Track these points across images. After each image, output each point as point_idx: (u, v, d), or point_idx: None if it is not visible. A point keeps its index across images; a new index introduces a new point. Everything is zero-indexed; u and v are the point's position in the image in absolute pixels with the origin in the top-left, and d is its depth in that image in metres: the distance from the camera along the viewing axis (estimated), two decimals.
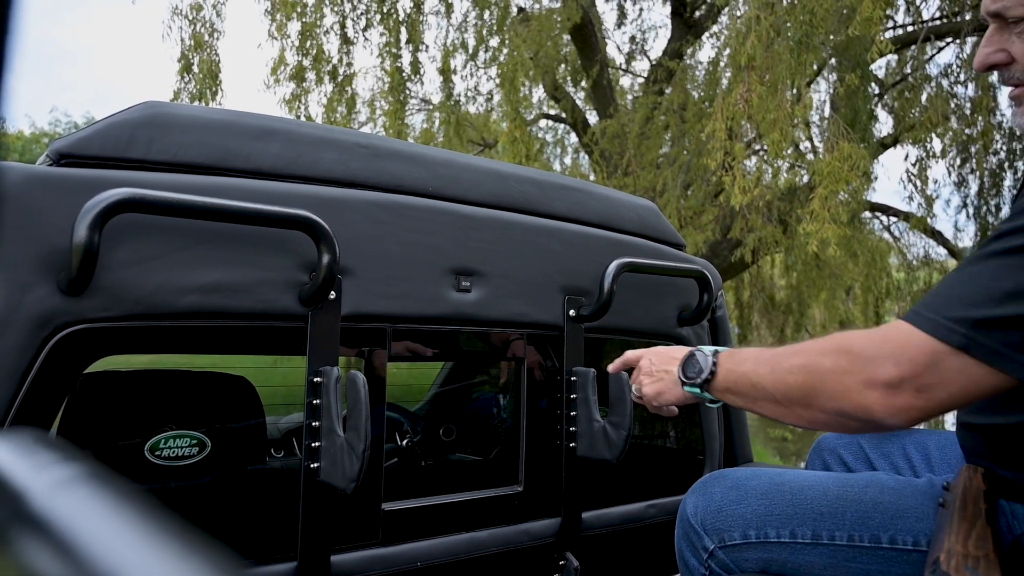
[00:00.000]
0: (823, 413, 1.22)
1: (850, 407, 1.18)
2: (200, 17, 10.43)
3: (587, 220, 2.11)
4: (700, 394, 1.50)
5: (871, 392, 1.14)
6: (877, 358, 1.15)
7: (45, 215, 1.31)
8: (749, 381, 1.37)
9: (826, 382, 1.21)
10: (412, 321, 1.76)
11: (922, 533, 1.38)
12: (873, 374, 1.14)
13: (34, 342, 1.30)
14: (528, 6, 11.42)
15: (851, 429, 1.26)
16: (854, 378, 1.17)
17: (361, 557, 1.67)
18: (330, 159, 1.70)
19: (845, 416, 1.20)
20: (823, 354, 1.24)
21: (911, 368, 1.12)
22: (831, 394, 1.20)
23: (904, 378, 1.12)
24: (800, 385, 1.24)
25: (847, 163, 7.63)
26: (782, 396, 1.28)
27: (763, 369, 1.34)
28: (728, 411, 2.49)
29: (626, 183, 10.30)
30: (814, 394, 1.22)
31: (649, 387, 1.64)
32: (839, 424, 1.24)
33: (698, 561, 1.53)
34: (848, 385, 1.17)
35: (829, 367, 1.21)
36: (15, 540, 0.43)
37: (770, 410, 1.33)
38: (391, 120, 10.43)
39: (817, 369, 1.23)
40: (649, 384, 1.64)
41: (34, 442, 0.54)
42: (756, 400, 1.36)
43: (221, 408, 1.72)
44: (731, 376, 1.43)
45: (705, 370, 1.47)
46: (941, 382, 1.11)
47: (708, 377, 1.46)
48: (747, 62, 7.65)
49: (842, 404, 1.19)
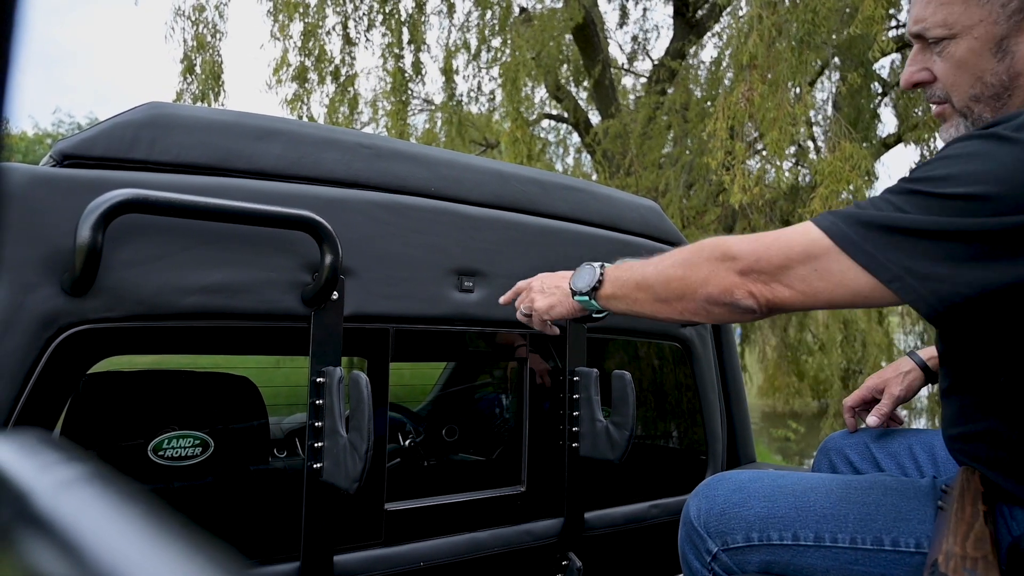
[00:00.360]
0: (694, 302, 1.32)
1: (716, 290, 1.27)
2: (203, 18, 10.45)
3: (589, 220, 2.11)
4: (588, 302, 1.56)
5: (737, 276, 1.26)
6: (754, 249, 1.25)
7: (49, 216, 1.31)
8: (634, 281, 1.46)
9: (701, 268, 1.30)
10: (414, 321, 1.76)
11: (924, 535, 1.38)
12: (742, 260, 1.25)
13: (38, 342, 1.30)
14: (530, 6, 11.42)
15: (716, 316, 1.33)
16: (725, 264, 1.27)
17: (364, 557, 1.67)
18: (332, 159, 1.70)
19: (712, 302, 1.29)
20: (704, 247, 1.34)
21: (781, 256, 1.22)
22: (703, 279, 1.29)
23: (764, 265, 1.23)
24: (680, 277, 1.34)
25: (849, 163, 7.63)
26: (663, 289, 1.37)
27: (649, 269, 1.43)
28: (731, 410, 2.49)
29: (628, 183, 10.31)
30: (689, 282, 1.32)
31: (541, 301, 1.67)
32: (707, 312, 1.32)
33: (701, 564, 1.53)
34: (718, 270, 1.28)
35: (706, 256, 1.31)
36: (19, 540, 0.43)
37: (651, 308, 1.42)
38: (393, 120, 10.44)
39: (696, 259, 1.33)
40: (541, 299, 1.68)
41: (38, 442, 0.54)
42: (638, 301, 1.45)
43: (224, 408, 1.72)
44: (617, 281, 1.50)
45: (593, 279, 1.54)
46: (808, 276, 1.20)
47: (596, 285, 1.53)
48: (749, 61, 7.65)
49: (710, 289, 1.28)
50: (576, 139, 13.59)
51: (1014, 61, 1.24)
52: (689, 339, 2.33)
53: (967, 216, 1.08)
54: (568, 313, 1.63)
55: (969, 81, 1.27)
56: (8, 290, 1.27)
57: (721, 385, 2.47)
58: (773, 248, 1.24)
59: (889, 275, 1.13)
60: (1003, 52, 1.24)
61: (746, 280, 1.25)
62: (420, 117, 12.83)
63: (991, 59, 1.25)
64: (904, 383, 1.81)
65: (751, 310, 1.26)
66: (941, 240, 1.10)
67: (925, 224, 1.11)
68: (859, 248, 1.15)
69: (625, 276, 1.50)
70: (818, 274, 1.19)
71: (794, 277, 1.21)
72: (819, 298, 1.21)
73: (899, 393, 1.81)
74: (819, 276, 1.19)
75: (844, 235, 1.17)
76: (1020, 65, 1.23)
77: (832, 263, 1.17)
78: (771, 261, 1.23)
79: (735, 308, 1.27)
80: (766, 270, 1.23)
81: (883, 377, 1.85)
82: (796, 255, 1.21)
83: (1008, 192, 1.06)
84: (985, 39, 1.24)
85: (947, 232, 1.09)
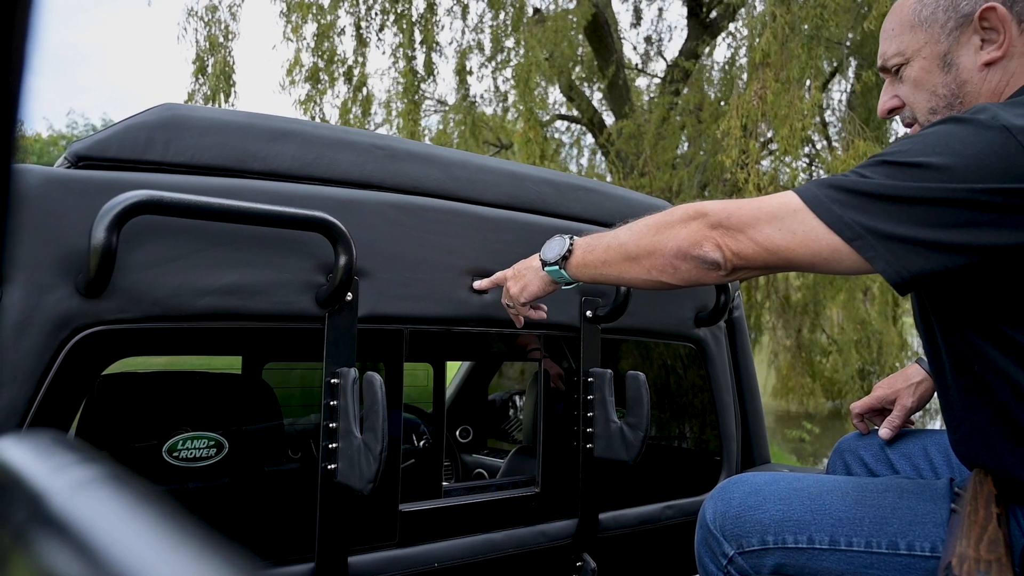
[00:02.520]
0: (663, 257, 1.36)
1: (685, 243, 1.33)
2: (215, 19, 10.49)
3: (603, 221, 2.11)
4: (557, 272, 1.60)
5: (707, 229, 1.31)
6: (725, 207, 1.32)
7: (63, 217, 1.31)
8: (605, 243, 1.51)
9: (673, 226, 1.36)
10: (429, 322, 1.76)
11: (940, 539, 1.37)
12: (713, 216, 1.31)
13: (52, 344, 1.31)
14: (544, 7, 11.42)
15: (683, 274, 1.37)
16: (697, 220, 1.33)
17: (378, 558, 1.67)
18: (346, 160, 1.70)
19: (679, 256, 1.34)
20: (678, 208, 1.41)
21: (751, 214, 1.28)
22: (674, 234, 1.35)
23: (736, 225, 1.29)
24: (653, 234, 1.39)
25: (862, 160, 7.59)
26: (634, 247, 1.42)
27: (623, 230, 1.48)
28: (745, 411, 2.48)
29: (642, 183, 10.30)
30: (660, 238, 1.37)
31: (514, 286, 1.71)
32: (673, 269, 1.37)
33: (717, 567, 1.53)
34: (689, 224, 1.34)
35: (679, 215, 1.37)
36: (35, 541, 0.43)
37: (620, 268, 1.47)
38: (405, 121, 10.45)
39: (669, 218, 1.39)
40: (514, 284, 1.72)
41: (53, 443, 0.54)
42: (608, 263, 1.49)
43: (238, 409, 1.73)
44: (587, 247, 1.55)
45: (563, 248, 1.58)
46: (772, 234, 1.26)
47: (565, 254, 1.58)
48: (762, 59, 7.64)
49: (679, 242, 1.34)
50: (590, 140, 13.60)
51: (959, 71, 1.38)
52: (703, 340, 2.32)
53: (929, 183, 1.15)
54: (540, 290, 1.67)
55: (926, 96, 1.43)
56: (23, 291, 1.28)
57: (735, 386, 2.46)
58: (745, 207, 1.30)
59: (852, 234, 1.19)
60: (948, 65, 1.39)
61: (714, 233, 1.30)
62: (434, 118, 12.84)
63: (940, 73, 1.40)
64: (916, 394, 1.81)
65: (716, 264, 1.31)
66: (903, 203, 1.17)
67: (889, 189, 1.18)
68: (825, 207, 1.21)
69: (595, 242, 1.54)
70: (782, 232, 1.25)
71: (760, 234, 1.27)
72: (780, 255, 1.26)
73: (911, 404, 1.80)
74: (783, 234, 1.25)
75: (814, 196, 1.23)
76: (964, 74, 1.38)
77: (798, 222, 1.24)
78: (741, 218, 1.29)
79: (702, 262, 1.32)
80: (735, 226, 1.29)
81: (893, 387, 1.84)
82: (765, 214, 1.27)
83: (965, 164, 1.14)
84: (932, 57, 1.40)
85: (909, 197, 1.16)
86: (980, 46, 1.36)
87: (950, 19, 1.38)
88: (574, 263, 1.57)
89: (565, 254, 1.58)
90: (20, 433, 1.16)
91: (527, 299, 1.70)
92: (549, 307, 1.93)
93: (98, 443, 1.53)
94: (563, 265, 1.58)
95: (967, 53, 1.37)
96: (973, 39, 1.36)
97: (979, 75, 1.36)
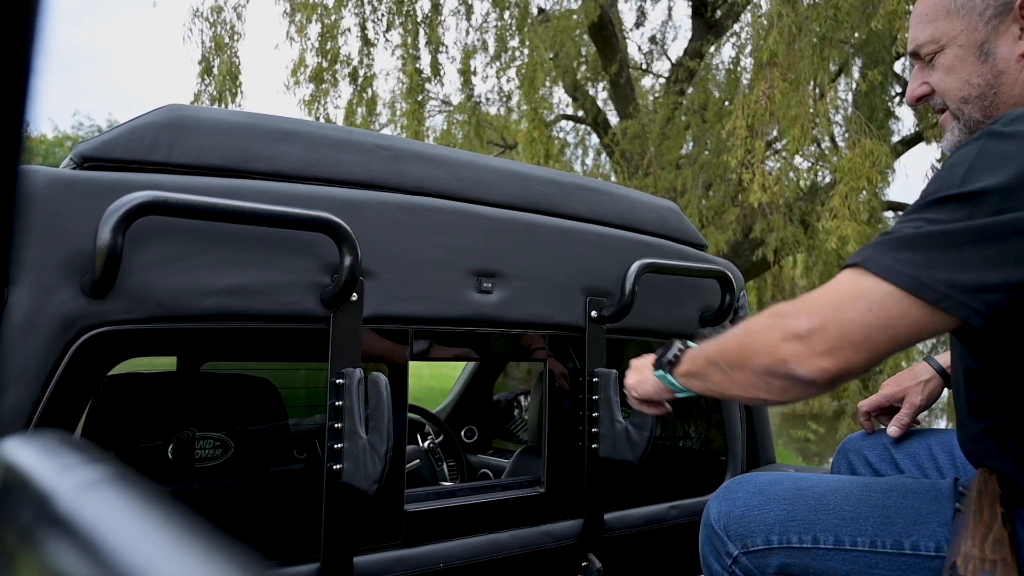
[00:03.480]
0: (753, 374, 1.23)
1: (772, 362, 1.18)
2: (220, 19, 10.50)
3: (608, 221, 2.11)
4: (665, 377, 1.51)
5: (788, 344, 1.15)
6: (797, 311, 1.17)
7: (69, 218, 1.31)
8: (704, 355, 1.40)
9: (754, 338, 1.23)
10: (434, 323, 1.76)
11: (945, 539, 1.37)
12: (790, 326, 1.16)
13: (59, 344, 1.31)
14: (548, 6, 11.41)
15: (777, 391, 1.22)
16: (775, 332, 1.18)
17: (384, 558, 1.67)
18: (351, 161, 1.70)
19: (770, 375, 1.20)
20: (759, 316, 1.27)
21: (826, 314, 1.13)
22: (757, 349, 1.21)
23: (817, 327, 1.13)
24: (737, 347, 1.27)
25: (869, 159, 7.59)
26: (724, 361, 1.31)
27: (712, 343, 1.38)
28: (751, 412, 2.48)
29: (647, 183, 10.29)
30: (746, 353, 1.24)
31: (631, 377, 1.66)
32: (767, 386, 1.22)
33: (722, 567, 1.53)
34: (770, 339, 1.19)
35: (759, 325, 1.24)
36: (41, 541, 0.44)
37: (718, 381, 1.35)
38: (409, 121, 10.45)
39: (750, 328, 1.27)
40: (631, 375, 1.67)
41: (59, 444, 0.54)
42: (708, 375, 1.38)
43: (244, 410, 1.73)
44: (693, 357, 1.45)
45: (671, 353, 1.51)
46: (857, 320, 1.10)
47: (672, 359, 1.50)
48: (769, 59, 7.63)
49: (765, 360, 1.19)
50: (594, 140, 13.58)
51: (996, 61, 1.34)
52: (708, 339, 2.32)
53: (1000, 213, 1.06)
54: (654, 391, 1.58)
55: (958, 85, 1.38)
56: (29, 292, 1.28)
57: None
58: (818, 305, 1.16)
59: (936, 295, 1.07)
60: (985, 55, 1.35)
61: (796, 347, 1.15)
62: (438, 118, 12.84)
63: (976, 63, 1.35)
64: (924, 392, 1.80)
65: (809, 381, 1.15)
66: (975, 244, 1.06)
67: (958, 230, 1.07)
68: (896, 272, 1.09)
69: (699, 352, 1.43)
70: (863, 318, 1.11)
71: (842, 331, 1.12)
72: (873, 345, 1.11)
73: (919, 402, 1.79)
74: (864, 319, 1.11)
75: (881, 264, 1.11)
76: (1002, 64, 1.33)
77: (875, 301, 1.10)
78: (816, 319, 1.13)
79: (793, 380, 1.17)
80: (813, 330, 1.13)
81: (901, 385, 1.83)
82: (838, 304, 1.13)
83: None
84: (968, 46, 1.36)
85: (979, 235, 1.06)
86: (1020, 35, 1.32)
87: (989, 7, 1.33)
88: (681, 370, 1.47)
89: (671, 359, 1.50)
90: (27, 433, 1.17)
91: (639, 396, 1.64)
92: (553, 307, 1.93)
93: (104, 443, 1.54)
94: (669, 371, 1.50)
95: (1005, 43, 1.33)
96: (1012, 28, 1.32)
97: (1016, 65, 1.32)
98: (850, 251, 8.10)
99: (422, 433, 2.99)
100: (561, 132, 13.77)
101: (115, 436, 1.57)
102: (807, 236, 9.60)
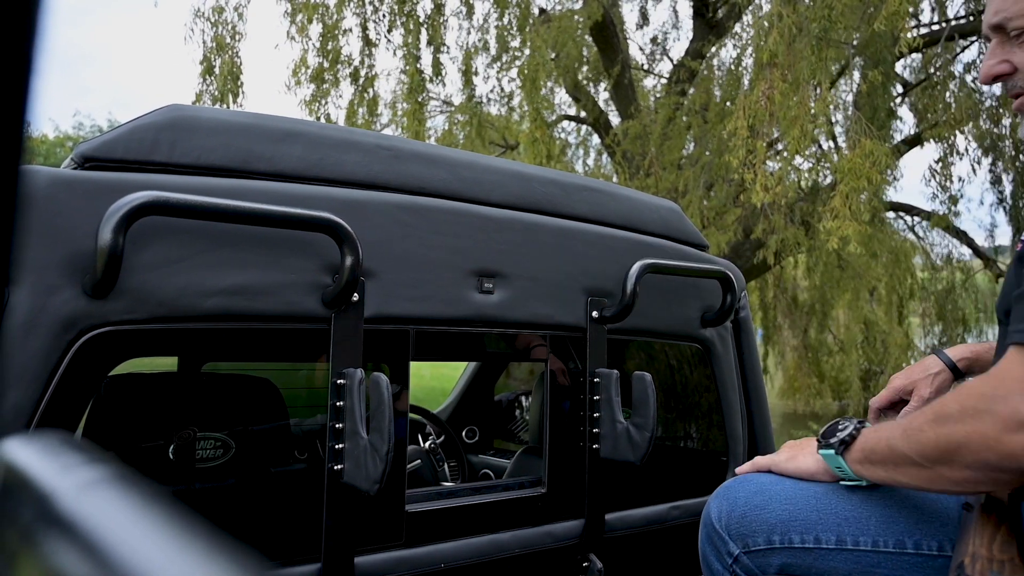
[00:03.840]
0: (971, 470, 1.13)
1: (995, 458, 1.08)
2: (222, 19, 10.50)
3: (610, 221, 2.11)
4: (834, 458, 1.41)
5: (1012, 436, 1.06)
6: (1007, 396, 1.07)
7: (70, 218, 1.31)
8: (887, 444, 1.28)
9: (958, 430, 1.13)
10: (435, 323, 1.76)
11: (947, 538, 1.36)
12: (1006, 416, 1.06)
13: (60, 344, 1.31)
14: (549, 7, 11.41)
15: (1005, 483, 1.14)
16: (988, 425, 1.08)
17: (385, 559, 1.67)
18: (352, 161, 1.70)
19: (994, 469, 1.10)
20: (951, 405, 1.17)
21: None
22: (971, 448, 1.11)
23: None
24: (935, 441, 1.16)
25: (869, 159, 7.59)
26: (919, 456, 1.20)
27: (897, 431, 1.26)
28: (751, 412, 2.48)
29: (648, 184, 10.28)
30: (953, 450, 1.14)
31: (783, 452, 1.58)
32: (990, 479, 1.13)
33: (722, 566, 1.52)
34: (986, 434, 1.09)
35: (957, 411, 1.14)
36: (42, 541, 0.44)
37: (914, 476, 1.24)
38: (410, 121, 10.44)
39: (945, 415, 1.16)
40: (785, 451, 1.58)
41: (60, 444, 0.54)
42: (897, 466, 1.26)
43: (245, 410, 1.73)
44: (870, 440, 1.34)
45: (844, 432, 1.38)
46: None
47: (847, 439, 1.38)
48: (769, 59, 7.63)
49: (987, 456, 1.09)
50: (596, 140, 13.57)
51: None
52: (710, 340, 2.32)
53: None
54: (809, 468, 1.49)
55: None
56: (30, 292, 1.28)
57: (742, 386, 2.46)
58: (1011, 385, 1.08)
59: None
60: None
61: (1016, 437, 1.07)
62: (440, 119, 12.84)
63: None
64: (933, 385, 1.77)
65: None
66: None
67: None
68: None
69: (878, 435, 1.31)
70: None
71: None
72: None
73: (928, 395, 1.76)
74: None
75: None
76: None
77: None
78: None
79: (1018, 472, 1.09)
80: None
81: (911, 378, 1.81)
82: None
83: None
84: None
85: None
86: None
87: None
88: (855, 454, 1.36)
89: (846, 438, 1.37)
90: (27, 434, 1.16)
91: (789, 470, 1.54)
92: (554, 307, 1.92)
93: (105, 444, 1.54)
94: (843, 453, 1.38)
95: None
96: None
97: None
98: (853, 251, 8.11)
99: (423, 433, 2.99)
100: (563, 132, 13.76)
101: (116, 436, 1.57)
102: (808, 237, 9.60)
